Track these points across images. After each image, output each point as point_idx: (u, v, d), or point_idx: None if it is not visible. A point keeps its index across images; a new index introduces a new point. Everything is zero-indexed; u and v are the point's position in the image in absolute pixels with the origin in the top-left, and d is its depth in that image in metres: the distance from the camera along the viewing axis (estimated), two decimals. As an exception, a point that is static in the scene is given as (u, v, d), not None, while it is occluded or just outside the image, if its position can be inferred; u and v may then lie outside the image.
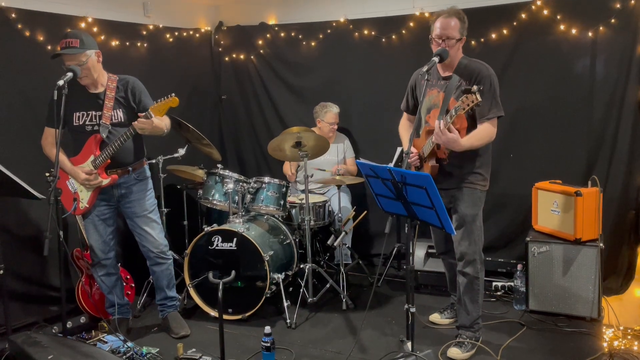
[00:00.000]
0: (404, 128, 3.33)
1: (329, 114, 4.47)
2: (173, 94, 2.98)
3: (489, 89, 2.87)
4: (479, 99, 2.61)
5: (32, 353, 2.55)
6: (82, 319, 3.60)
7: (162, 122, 3.15)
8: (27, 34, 3.53)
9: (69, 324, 3.41)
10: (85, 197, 3.23)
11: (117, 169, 3.23)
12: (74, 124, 3.19)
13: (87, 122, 3.18)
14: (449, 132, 2.73)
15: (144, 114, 3.03)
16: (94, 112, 3.18)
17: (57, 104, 2.83)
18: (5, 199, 3.29)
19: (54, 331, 3.40)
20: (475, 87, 2.63)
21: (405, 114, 3.35)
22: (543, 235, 3.61)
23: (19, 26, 3.49)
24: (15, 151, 3.47)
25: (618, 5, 3.66)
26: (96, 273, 3.40)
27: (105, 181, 3.19)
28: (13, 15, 3.45)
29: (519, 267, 3.72)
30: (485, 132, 2.88)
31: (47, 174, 3.31)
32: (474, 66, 2.93)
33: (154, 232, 3.37)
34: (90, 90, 3.19)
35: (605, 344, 3.13)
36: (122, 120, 3.20)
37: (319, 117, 4.51)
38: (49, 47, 3.64)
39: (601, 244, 3.40)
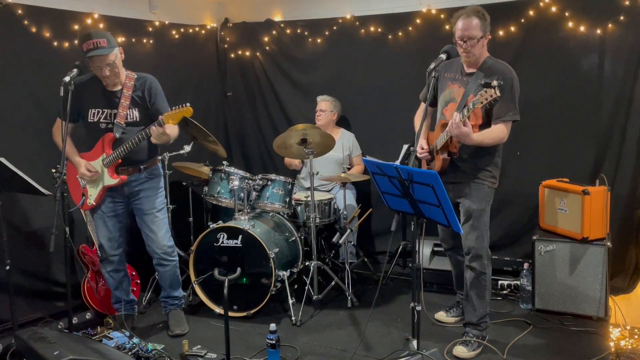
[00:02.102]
0: (419, 118, 3.33)
1: (318, 103, 4.56)
2: (188, 104, 2.96)
3: (510, 92, 2.88)
4: (498, 93, 2.63)
5: (38, 348, 2.56)
6: (88, 315, 3.62)
7: (172, 131, 3.12)
8: (34, 30, 3.54)
9: (75, 320, 3.42)
10: (93, 194, 3.23)
11: (128, 167, 3.22)
12: (89, 120, 3.20)
13: (101, 120, 3.18)
14: (463, 126, 2.75)
15: (156, 122, 3.01)
16: (109, 110, 3.17)
17: (63, 100, 2.83)
18: (12, 195, 3.30)
19: (59, 327, 3.42)
20: (495, 82, 2.64)
21: (423, 104, 3.34)
22: (550, 234, 3.59)
23: (25, 22, 3.49)
24: (22, 147, 3.47)
25: (627, 3, 3.63)
26: (104, 268, 3.40)
27: (114, 181, 3.18)
28: (20, 12, 3.46)
29: (526, 265, 3.70)
30: (497, 132, 2.90)
31: (54, 170, 3.34)
32: (498, 67, 2.95)
33: (159, 233, 3.35)
34: (108, 87, 3.18)
35: (612, 344, 3.12)
36: (137, 120, 3.18)
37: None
38: (55, 44, 3.65)
39: (608, 243, 3.38)
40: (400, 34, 4.41)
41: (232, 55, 5.15)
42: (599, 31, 3.75)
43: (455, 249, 3.31)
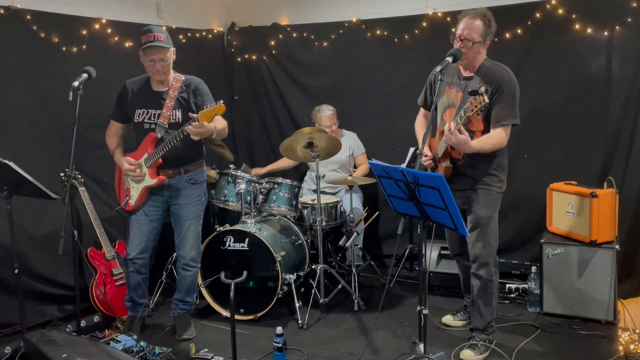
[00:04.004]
0: (420, 125, 3.31)
1: (323, 119, 4.43)
2: (221, 101, 2.94)
3: (508, 95, 2.83)
4: (487, 100, 2.61)
5: (47, 351, 2.57)
6: (96, 318, 3.63)
7: (212, 125, 3.05)
8: (42, 35, 3.57)
9: (83, 323, 3.44)
10: (135, 195, 3.26)
11: (168, 169, 3.23)
12: (135, 120, 3.23)
13: (146, 120, 3.21)
14: (459, 134, 2.72)
15: (191, 120, 2.99)
16: (153, 111, 3.20)
17: (72, 105, 2.85)
18: (21, 199, 3.32)
19: (68, 330, 3.43)
20: (482, 89, 2.62)
21: (422, 110, 3.32)
22: (558, 237, 3.58)
23: (34, 27, 3.52)
24: (31, 151, 3.50)
25: (635, 4, 3.61)
26: (126, 267, 3.41)
27: (153, 182, 3.19)
28: (28, 17, 3.49)
29: (533, 269, 3.68)
30: (496, 137, 2.85)
31: (62, 174, 3.37)
32: (496, 70, 2.89)
33: (191, 240, 3.37)
34: (154, 88, 3.22)
35: (621, 347, 3.09)
36: (180, 121, 3.18)
37: (316, 123, 4.49)
38: (64, 49, 3.68)
39: (617, 246, 3.36)
40: (406, 37, 4.41)
41: (239, 59, 5.17)
42: (606, 33, 3.73)
43: (463, 254, 3.27)
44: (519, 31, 3.97)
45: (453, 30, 2.93)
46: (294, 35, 4.87)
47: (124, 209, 3.34)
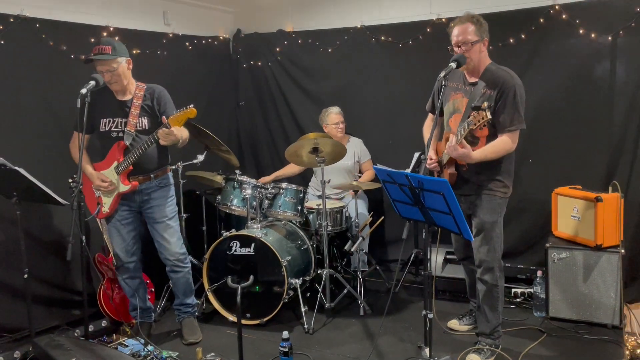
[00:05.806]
0: (428, 129, 3.33)
1: (330, 116, 4.50)
2: (192, 105, 2.99)
3: (513, 100, 2.84)
4: (489, 116, 2.62)
5: (55, 356, 2.60)
6: (104, 323, 3.66)
7: (180, 133, 3.16)
8: (51, 43, 3.62)
9: (91, 328, 3.46)
10: (107, 203, 3.30)
11: (139, 175, 3.28)
12: (101, 129, 3.28)
13: (112, 129, 3.26)
14: (460, 148, 2.75)
15: (162, 125, 3.06)
16: (119, 119, 3.25)
17: (80, 111, 2.90)
18: (30, 204, 3.36)
19: (76, 334, 3.47)
20: (485, 104, 2.63)
21: (430, 115, 3.34)
22: (563, 241, 3.58)
23: (43, 36, 3.57)
24: (39, 157, 3.54)
25: (638, 9, 3.62)
26: (120, 276, 3.46)
27: (126, 187, 3.25)
28: (37, 26, 3.54)
29: (539, 273, 3.68)
30: (502, 144, 2.86)
31: (70, 180, 3.40)
32: (500, 74, 2.90)
33: (172, 240, 3.41)
34: (118, 97, 3.27)
35: (627, 352, 3.09)
36: (147, 128, 3.26)
37: (324, 123, 4.54)
38: (72, 56, 3.72)
39: (622, 250, 3.36)
40: (410, 42, 4.43)
41: (245, 66, 5.21)
42: (610, 38, 3.74)
43: (469, 258, 3.27)
44: (523, 36, 3.98)
45: (449, 48, 2.96)
46: (299, 41, 4.90)
47: (97, 217, 3.37)
